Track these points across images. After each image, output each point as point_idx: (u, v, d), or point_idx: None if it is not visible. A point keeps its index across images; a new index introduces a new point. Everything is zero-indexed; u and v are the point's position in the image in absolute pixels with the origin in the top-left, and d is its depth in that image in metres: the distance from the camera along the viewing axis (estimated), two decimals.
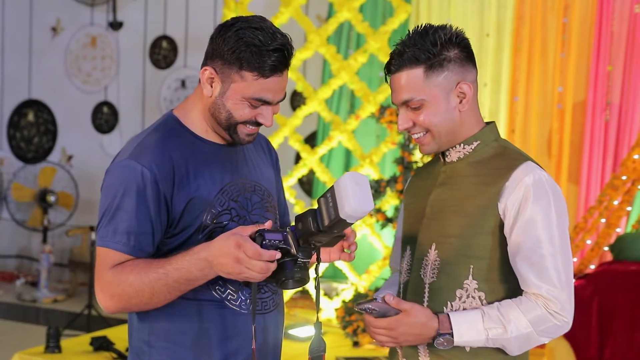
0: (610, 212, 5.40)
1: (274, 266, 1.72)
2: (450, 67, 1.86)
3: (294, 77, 5.64)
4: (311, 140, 7.42)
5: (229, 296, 1.90)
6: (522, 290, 1.86)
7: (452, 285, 1.87)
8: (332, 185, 1.71)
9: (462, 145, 1.93)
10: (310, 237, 1.74)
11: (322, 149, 6.11)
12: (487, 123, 1.98)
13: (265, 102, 1.86)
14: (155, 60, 8.35)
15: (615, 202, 5.39)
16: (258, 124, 1.90)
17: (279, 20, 5.78)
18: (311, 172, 6.71)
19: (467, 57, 1.90)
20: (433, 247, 1.91)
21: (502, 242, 1.86)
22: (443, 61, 1.86)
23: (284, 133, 6.01)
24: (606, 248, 5.44)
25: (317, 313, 1.87)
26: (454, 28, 1.90)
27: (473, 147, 1.93)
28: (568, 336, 4.73)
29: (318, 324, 1.82)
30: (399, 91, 1.89)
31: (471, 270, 1.86)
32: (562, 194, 1.87)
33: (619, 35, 6.29)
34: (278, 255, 1.71)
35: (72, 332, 6.01)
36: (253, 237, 1.73)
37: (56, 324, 5.01)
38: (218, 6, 7.81)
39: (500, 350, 1.86)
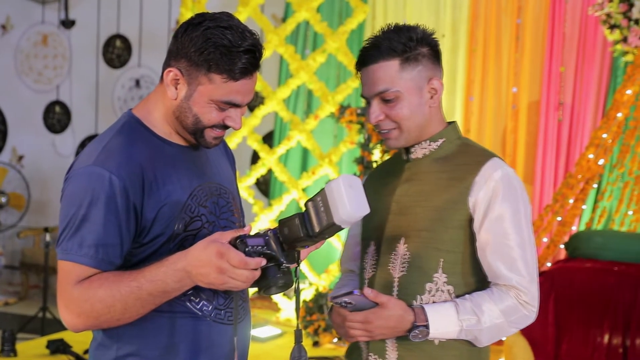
0: (565, 211, 5.50)
1: (258, 273, 1.64)
2: (424, 62, 1.90)
3: None
4: (268, 140, 7.40)
5: (204, 307, 1.80)
6: (489, 284, 1.90)
7: (422, 279, 1.88)
8: (323, 189, 1.63)
9: (427, 142, 1.96)
10: (298, 243, 1.66)
11: (281, 149, 6.12)
12: (449, 122, 2.02)
13: (234, 105, 1.76)
14: (108, 59, 8.24)
15: (570, 201, 5.49)
16: (225, 127, 1.79)
17: None
18: (268, 172, 6.70)
19: (437, 56, 1.95)
20: (402, 241, 1.92)
21: (471, 236, 1.89)
22: (417, 56, 1.89)
23: (242, 133, 6.00)
24: (561, 246, 5.54)
25: (297, 320, 1.79)
26: (423, 27, 1.94)
27: (438, 144, 1.96)
28: (526, 332, 4.81)
29: (298, 332, 1.76)
30: (373, 82, 1.89)
31: (441, 263, 1.88)
32: (525, 188, 1.93)
33: (571, 37, 6.42)
34: (263, 262, 1.63)
35: (26, 335, 5.89)
36: (234, 244, 1.63)
37: (8, 327, 4.92)
38: (173, 5, 7.73)
39: (466, 343, 1.89)
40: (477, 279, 1.91)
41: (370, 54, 1.89)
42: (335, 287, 2.17)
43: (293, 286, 1.73)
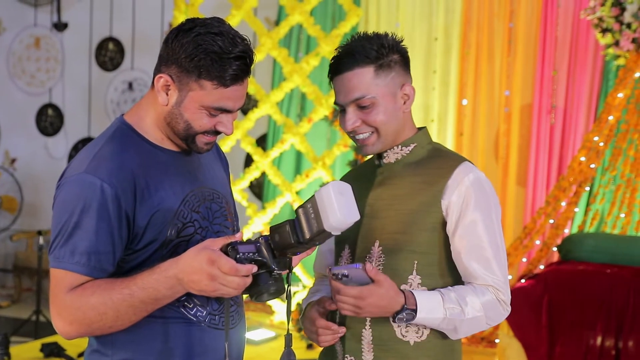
0: (558, 214, 5.52)
1: (249, 280, 1.64)
2: (396, 69, 1.94)
3: None
4: (261, 143, 7.41)
5: (198, 313, 1.81)
6: (463, 284, 1.96)
7: (397, 281, 1.90)
8: (313, 195, 1.63)
9: (400, 147, 2.00)
10: (289, 249, 1.67)
11: (275, 152, 6.13)
12: (419, 128, 2.06)
13: (226, 111, 1.76)
14: (101, 62, 8.24)
15: (563, 204, 5.51)
16: (217, 133, 1.80)
17: (230, 23, 5.76)
18: (261, 175, 6.71)
19: (407, 63, 1.99)
20: (377, 244, 1.95)
21: (445, 238, 1.94)
22: (390, 62, 1.93)
23: (235, 136, 6.01)
24: (554, 249, 5.56)
25: (288, 324, 1.83)
26: (393, 35, 1.98)
27: (410, 149, 2.01)
28: (519, 335, 4.83)
29: (288, 336, 1.79)
30: (349, 90, 1.92)
31: (415, 265, 1.92)
32: (494, 190, 1.99)
33: (563, 40, 6.45)
34: (255, 269, 1.63)
35: (19, 338, 5.88)
36: (225, 251, 1.63)
37: (2, 331, 4.91)
38: (166, 7, 7.74)
39: (439, 344, 1.94)
40: (450, 280, 1.96)
41: (345, 61, 1.91)
42: (309, 292, 2.19)
43: (285, 293, 1.73)
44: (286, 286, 1.76)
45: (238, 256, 1.62)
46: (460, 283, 1.96)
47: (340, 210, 1.59)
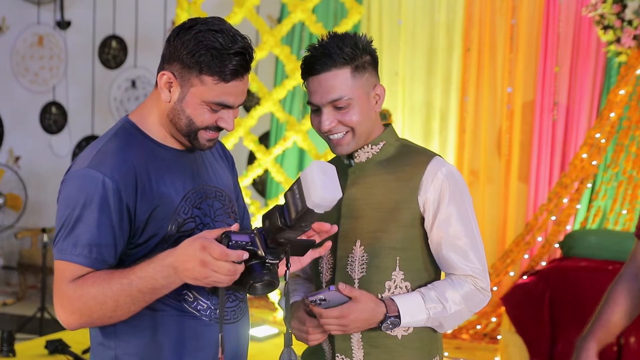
0: (560, 210, 5.54)
1: (241, 268, 1.66)
2: (369, 69, 1.97)
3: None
4: (264, 141, 7.42)
5: (199, 306, 1.84)
6: (443, 276, 2.03)
7: (381, 278, 1.96)
8: (299, 177, 1.66)
9: (370, 145, 2.03)
10: (278, 234, 1.68)
11: (277, 149, 6.14)
12: (385, 125, 2.08)
13: (226, 106, 1.80)
14: (104, 60, 8.25)
15: (565, 200, 5.52)
16: (219, 129, 1.84)
17: (233, 21, 5.77)
18: (264, 173, 6.72)
19: (377, 64, 2.02)
20: (358, 243, 1.99)
21: (423, 233, 1.99)
22: (364, 63, 1.95)
23: (238, 133, 6.02)
24: (556, 245, 5.57)
25: (287, 322, 1.84)
26: (363, 36, 1.99)
27: (380, 147, 2.03)
28: (521, 331, 4.85)
29: (288, 335, 1.80)
30: (327, 91, 1.93)
31: (397, 261, 1.97)
32: (465, 181, 2.04)
33: (565, 37, 6.45)
34: (245, 255, 1.64)
35: (24, 335, 5.91)
36: (219, 240, 1.66)
37: (7, 328, 4.94)
38: (168, 5, 7.75)
39: (426, 338, 2.00)
40: (433, 273, 2.02)
41: (323, 61, 1.92)
42: (284, 296, 2.21)
43: (278, 287, 1.73)
44: (283, 282, 1.78)
45: (230, 244, 1.64)
46: (439, 273, 2.03)
47: (321, 187, 1.61)
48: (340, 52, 1.91)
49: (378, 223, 1.97)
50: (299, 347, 1.86)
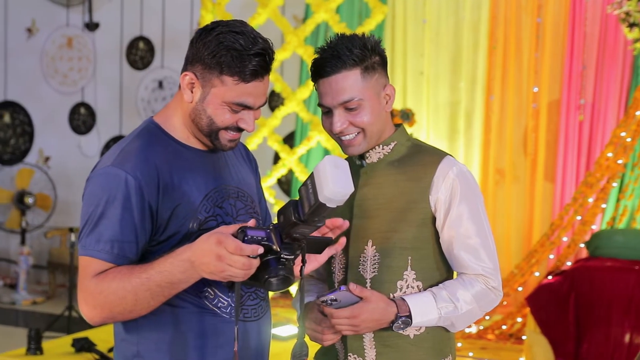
0: (585, 210, 5.49)
1: (256, 262, 1.68)
2: (379, 70, 1.98)
3: (272, 77, 5.67)
4: (289, 141, 7.44)
5: (219, 304, 1.87)
6: (455, 275, 2.03)
7: (393, 278, 1.97)
8: (312, 172, 1.68)
9: (381, 146, 2.03)
10: (292, 229, 1.70)
11: (301, 149, 6.16)
12: (396, 126, 2.09)
13: (247, 107, 1.83)
14: (132, 61, 8.34)
15: (590, 200, 5.48)
16: (240, 130, 1.87)
17: (257, 21, 5.80)
18: (290, 172, 6.75)
19: (386, 64, 2.03)
20: (370, 243, 2.00)
21: (435, 232, 2.00)
22: (374, 64, 1.96)
23: (262, 133, 6.05)
24: (582, 245, 5.53)
25: (300, 317, 1.88)
26: (372, 36, 2.00)
27: (391, 148, 2.04)
28: (546, 331, 4.82)
29: (301, 329, 1.84)
30: (338, 92, 1.93)
31: (409, 261, 1.98)
32: (476, 180, 2.05)
33: (591, 36, 6.39)
34: (260, 250, 1.66)
35: (52, 334, 6.00)
36: (235, 235, 1.68)
37: (36, 326, 5.01)
38: (195, 7, 7.81)
39: (437, 336, 2.00)
40: (443, 272, 2.02)
41: (332, 63, 1.92)
42: (297, 293, 2.22)
43: (294, 282, 1.75)
44: (298, 278, 1.79)
45: (246, 238, 1.66)
46: (451, 272, 2.03)
47: (333, 182, 1.62)
48: (350, 53, 1.91)
49: (389, 223, 1.98)
50: (312, 348, 1.87)
